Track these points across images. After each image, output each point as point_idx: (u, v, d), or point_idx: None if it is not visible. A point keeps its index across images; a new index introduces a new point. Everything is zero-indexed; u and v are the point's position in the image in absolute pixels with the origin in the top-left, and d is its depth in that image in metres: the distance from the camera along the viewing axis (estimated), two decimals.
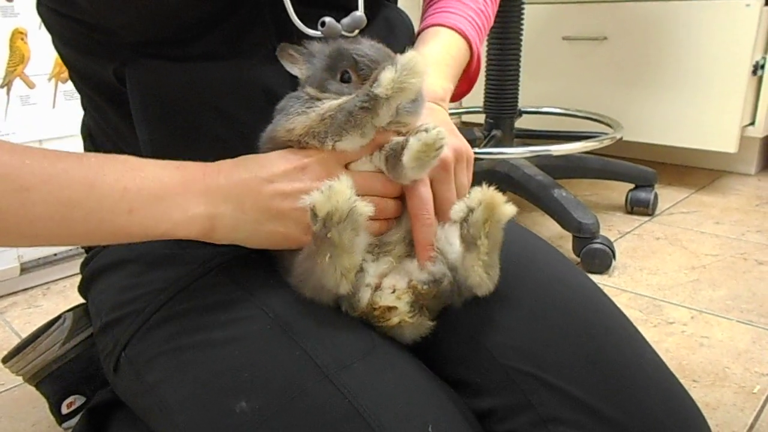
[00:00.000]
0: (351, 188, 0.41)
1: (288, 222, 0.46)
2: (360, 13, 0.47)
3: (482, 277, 0.45)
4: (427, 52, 0.60)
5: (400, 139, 0.46)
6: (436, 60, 0.60)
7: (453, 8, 0.64)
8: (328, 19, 0.46)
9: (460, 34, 0.63)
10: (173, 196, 0.43)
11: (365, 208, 0.42)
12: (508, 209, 0.44)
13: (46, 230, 0.41)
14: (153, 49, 0.48)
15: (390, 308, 0.46)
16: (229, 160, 0.47)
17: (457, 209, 0.45)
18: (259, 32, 0.50)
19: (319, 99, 0.47)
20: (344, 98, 0.45)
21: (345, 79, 0.47)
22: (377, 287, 0.46)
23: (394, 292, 0.46)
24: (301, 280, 0.47)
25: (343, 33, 0.47)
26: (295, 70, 0.49)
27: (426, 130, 0.44)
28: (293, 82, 0.50)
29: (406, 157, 0.45)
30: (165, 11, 0.46)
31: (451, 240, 0.47)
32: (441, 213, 0.48)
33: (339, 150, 0.46)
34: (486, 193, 0.43)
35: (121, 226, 0.43)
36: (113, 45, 0.48)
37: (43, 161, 0.41)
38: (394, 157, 0.46)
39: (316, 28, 0.49)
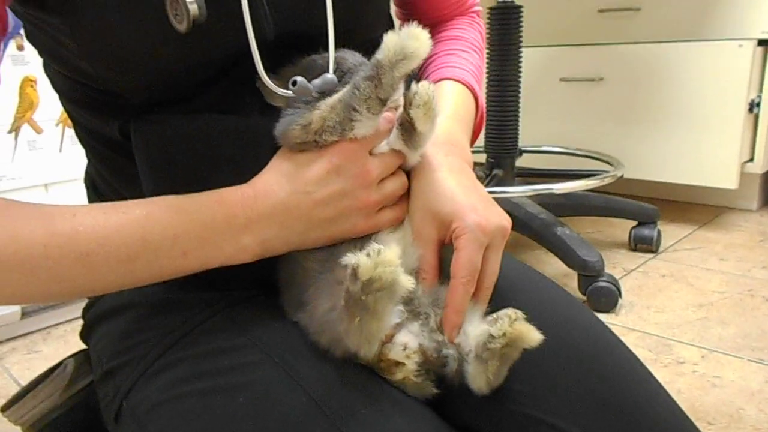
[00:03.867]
0: (399, 258, 0.41)
1: (335, 225, 0.48)
2: (331, 75, 0.48)
3: (481, 388, 0.44)
4: (448, 107, 0.59)
5: (400, 111, 0.47)
6: (464, 118, 0.60)
7: (456, 63, 0.64)
8: (299, 79, 0.47)
9: (470, 90, 0.63)
10: (220, 234, 0.46)
11: (408, 283, 0.41)
12: (533, 339, 0.42)
13: (113, 284, 0.45)
14: (156, 107, 0.49)
15: (397, 363, 0.45)
16: (262, 178, 0.48)
17: (479, 333, 0.43)
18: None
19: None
20: (348, 85, 0.46)
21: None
22: (388, 340, 0.45)
23: (404, 349, 0.45)
24: (321, 329, 0.46)
25: (314, 94, 0.48)
26: (276, 102, 0.50)
27: (415, 93, 0.46)
28: None
29: (420, 126, 0.46)
30: (165, 78, 0.47)
31: (467, 331, 0.46)
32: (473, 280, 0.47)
33: (359, 137, 0.46)
34: (514, 325, 0.42)
35: (180, 267, 0.46)
36: (118, 104, 0.49)
37: (94, 223, 0.43)
38: (407, 130, 0.47)
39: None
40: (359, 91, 0.44)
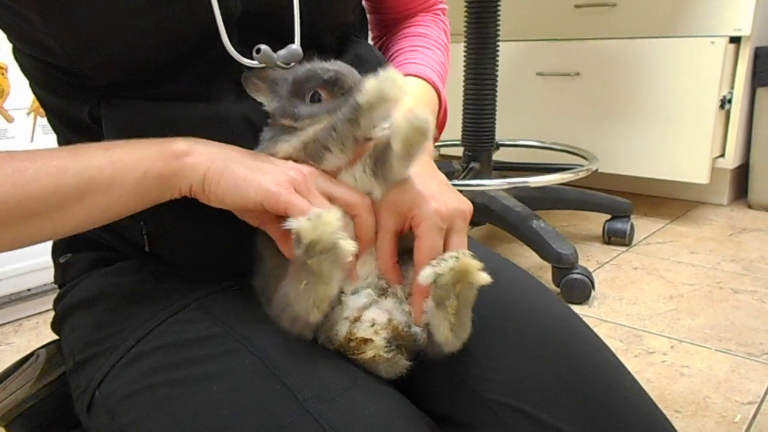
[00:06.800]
0: (339, 220, 0.41)
1: (271, 172, 0.45)
2: (296, 46, 0.48)
3: (447, 337, 0.44)
4: (410, 102, 0.59)
5: (386, 134, 0.46)
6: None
7: (419, 60, 0.64)
8: (263, 47, 0.47)
9: (432, 86, 0.63)
10: (152, 145, 0.46)
11: (349, 246, 0.42)
12: (481, 277, 0.43)
13: (43, 205, 0.44)
14: (126, 91, 0.49)
15: (366, 340, 0.45)
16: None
17: (425, 275, 0.43)
18: (230, 70, 0.51)
19: (296, 128, 0.48)
20: (326, 122, 0.46)
21: (315, 99, 0.48)
22: (356, 319, 0.46)
23: (373, 325, 0.45)
24: (280, 309, 0.46)
25: (279, 64, 0.48)
26: (260, 98, 0.50)
27: (404, 131, 0.45)
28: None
29: (396, 142, 0.44)
30: (132, 54, 0.47)
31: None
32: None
33: (325, 168, 0.47)
34: (459, 261, 0.42)
35: (109, 176, 0.45)
36: (87, 87, 0.49)
37: (30, 151, 0.45)
38: (382, 152, 0.46)
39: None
40: (336, 133, 0.45)
